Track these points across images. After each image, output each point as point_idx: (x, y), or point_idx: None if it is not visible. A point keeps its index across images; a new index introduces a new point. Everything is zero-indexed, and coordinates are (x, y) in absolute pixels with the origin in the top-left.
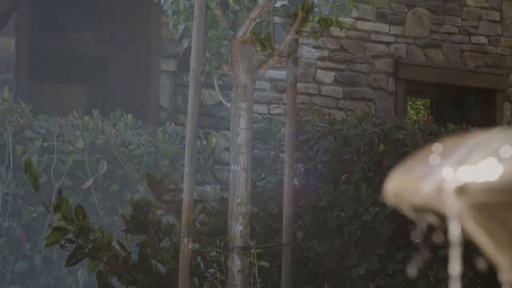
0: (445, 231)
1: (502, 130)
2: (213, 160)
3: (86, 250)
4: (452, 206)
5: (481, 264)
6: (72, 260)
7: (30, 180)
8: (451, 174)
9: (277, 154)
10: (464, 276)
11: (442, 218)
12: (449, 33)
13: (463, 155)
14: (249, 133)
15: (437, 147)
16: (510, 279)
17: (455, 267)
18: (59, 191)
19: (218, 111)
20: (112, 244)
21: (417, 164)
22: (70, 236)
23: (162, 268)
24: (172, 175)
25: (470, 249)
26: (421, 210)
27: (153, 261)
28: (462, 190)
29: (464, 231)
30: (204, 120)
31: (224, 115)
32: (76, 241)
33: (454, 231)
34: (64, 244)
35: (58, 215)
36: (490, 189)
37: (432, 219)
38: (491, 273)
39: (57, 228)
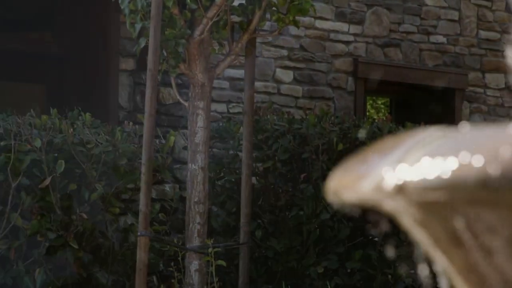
0: (397, 230)
1: (439, 129)
2: (172, 159)
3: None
4: (391, 204)
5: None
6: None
7: None
8: (389, 173)
9: (236, 153)
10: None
11: (387, 216)
12: (408, 33)
13: (402, 154)
14: (207, 132)
15: (377, 146)
16: (447, 276)
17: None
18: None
19: (177, 110)
20: (71, 243)
21: (358, 163)
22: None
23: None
24: (130, 174)
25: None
26: (361, 208)
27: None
28: (400, 189)
29: (405, 229)
30: (163, 119)
31: (183, 114)
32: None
33: (404, 229)
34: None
35: (16, 214)
36: (427, 187)
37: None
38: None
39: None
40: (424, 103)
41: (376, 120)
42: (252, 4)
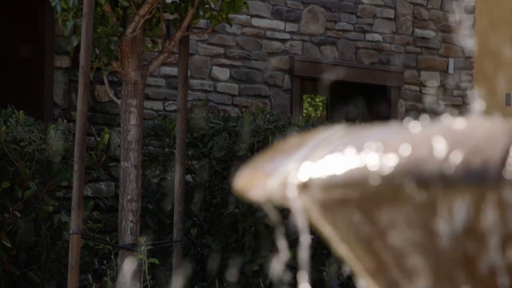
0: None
1: (344, 128)
2: (108, 156)
3: None
4: (296, 202)
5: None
6: None
7: None
8: (295, 170)
9: (172, 151)
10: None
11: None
12: (344, 31)
13: (307, 152)
14: (140, 130)
15: (284, 144)
16: (356, 272)
17: (303, 260)
18: None
19: (112, 108)
20: (4, 241)
21: (265, 160)
22: None
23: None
24: (64, 172)
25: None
26: (269, 204)
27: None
28: (304, 186)
29: (313, 226)
30: (99, 116)
31: (118, 111)
32: None
33: (300, 225)
34: None
35: None
36: (330, 185)
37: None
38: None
39: None
40: (360, 101)
41: (312, 118)
42: (185, 2)
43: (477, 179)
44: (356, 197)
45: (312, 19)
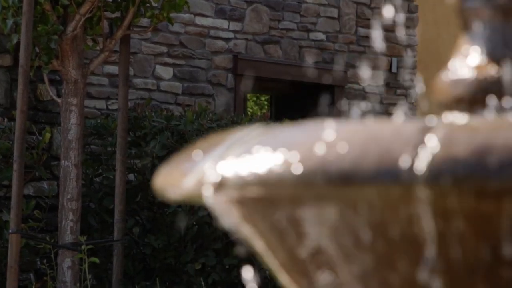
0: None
1: (260, 127)
2: (50, 155)
3: None
4: (211, 200)
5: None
6: None
7: None
8: (211, 169)
9: (114, 149)
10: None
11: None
12: (288, 30)
13: (223, 151)
14: (80, 129)
15: (202, 143)
16: (273, 269)
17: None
18: None
19: (55, 107)
20: None
21: (183, 159)
22: None
23: None
24: (5, 171)
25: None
26: (187, 203)
27: None
28: (220, 185)
29: (233, 225)
30: (41, 115)
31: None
32: None
33: (220, 224)
34: None
35: None
36: (245, 184)
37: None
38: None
39: None
40: (304, 100)
41: (255, 117)
42: (126, 1)
43: (387, 177)
44: (269, 195)
45: (256, 18)
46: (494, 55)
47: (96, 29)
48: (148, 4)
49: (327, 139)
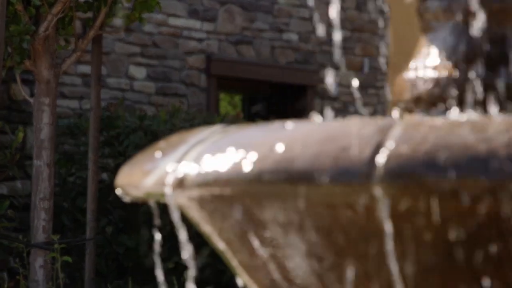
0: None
1: (221, 127)
2: (24, 155)
3: None
4: (172, 199)
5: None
6: None
7: None
8: (171, 168)
9: (87, 149)
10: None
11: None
12: (260, 30)
13: (185, 150)
14: (53, 129)
15: (164, 142)
16: (232, 267)
17: (186, 257)
18: None
19: (28, 106)
20: None
21: (144, 158)
22: None
23: None
24: None
25: None
26: (147, 201)
27: None
28: (180, 183)
29: (193, 222)
30: (14, 115)
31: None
32: None
33: (177, 222)
34: None
35: None
36: (205, 182)
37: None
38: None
39: None
40: (276, 100)
41: (228, 117)
42: (97, 1)
43: (346, 176)
44: (228, 194)
45: (229, 19)
46: (453, 56)
47: (68, 29)
48: (120, 4)
49: (285, 139)
